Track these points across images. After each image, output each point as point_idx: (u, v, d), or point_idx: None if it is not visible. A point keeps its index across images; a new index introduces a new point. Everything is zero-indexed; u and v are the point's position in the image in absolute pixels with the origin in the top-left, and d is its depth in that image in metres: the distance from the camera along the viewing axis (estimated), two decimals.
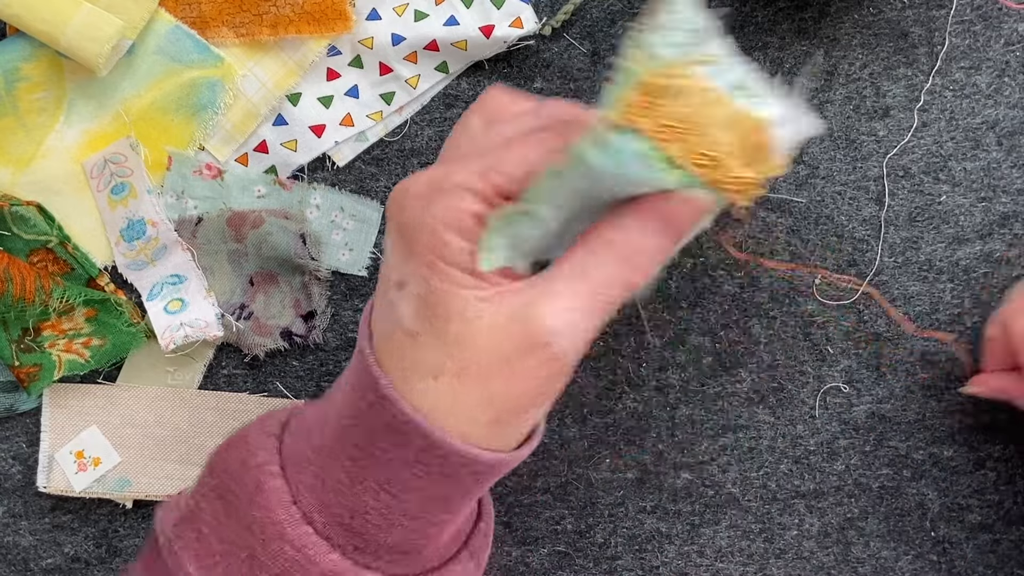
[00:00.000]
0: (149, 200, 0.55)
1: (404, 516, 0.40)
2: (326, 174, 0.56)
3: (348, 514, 0.40)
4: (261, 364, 0.57)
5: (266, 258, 0.55)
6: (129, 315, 0.55)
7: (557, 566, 0.56)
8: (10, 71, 0.54)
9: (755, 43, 0.55)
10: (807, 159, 0.55)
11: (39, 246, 0.55)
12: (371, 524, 0.40)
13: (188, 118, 0.55)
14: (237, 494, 0.41)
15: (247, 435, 0.43)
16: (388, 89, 0.55)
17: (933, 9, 0.54)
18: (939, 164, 0.55)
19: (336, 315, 0.57)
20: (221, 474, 0.42)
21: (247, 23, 0.54)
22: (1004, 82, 0.54)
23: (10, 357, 0.55)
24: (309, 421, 0.42)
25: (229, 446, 0.43)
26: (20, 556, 0.58)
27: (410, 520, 0.40)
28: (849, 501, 0.56)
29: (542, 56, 0.55)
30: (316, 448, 0.41)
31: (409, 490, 0.39)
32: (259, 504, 0.40)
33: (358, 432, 0.39)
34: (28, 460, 0.57)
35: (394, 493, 0.39)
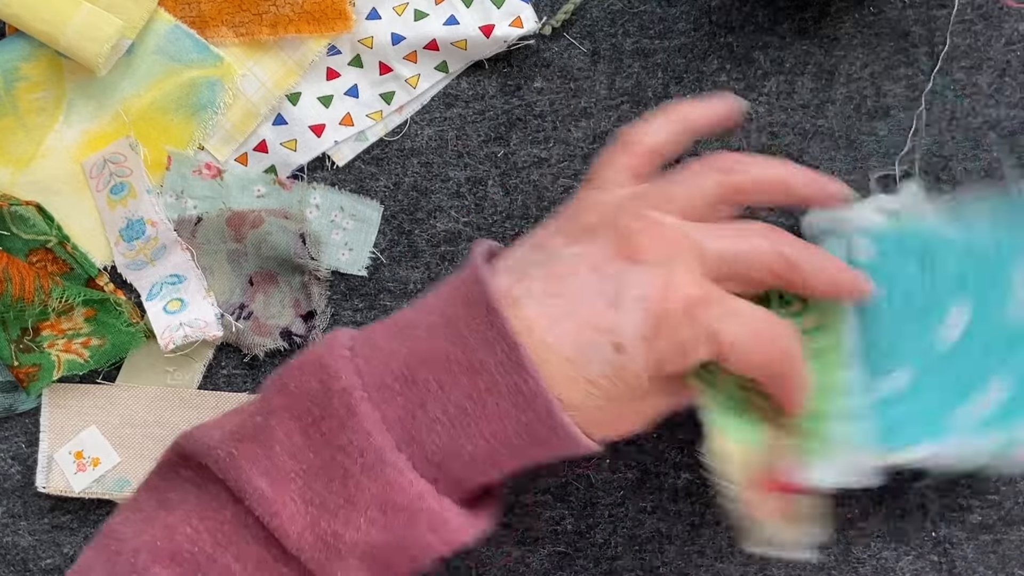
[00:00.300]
0: (148, 200, 0.55)
1: (491, 465, 0.42)
2: (326, 174, 0.56)
3: (440, 453, 0.41)
4: (261, 364, 0.57)
5: (266, 258, 0.55)
6: (128, 315, 0.55)
7: (557, 566, 0.56)
8: (9, 71, 0.54)
9: (755, 43, 0.55)
10: (807, 159, 0.55)
11: (38, 246, 0.55)
12: (461, 467, 0.41)
13: (187, 118, 0.55)
14: (321, 417, 0.41)
15: (320, 357, 0.42)
16: (388, 89, 0.55)
17: (934, 9, 0.54)
18: (940, 164, 0.55)
19: (336, 315, 0.57)
20: (297, 396, 0.42)
21: (247, 23, 0.54)
22: (1005, 82, 0.54)
23: (9, 357, 0.55)
24: (379, 348, 0.42)
25: (301, 368, 0.42)
26: (19, 556, 0.57)
27: (491, 468, 0.42)
28: (849, 501, 0.56)
29: (542, 56, 0.55)
30: (401, 378, 0.41)
31: (511, 447, 0.41)
32: (353, 428, 0.40)
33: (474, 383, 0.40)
34: (27, 460, 0.57)
35: (494, 446, 0.41)
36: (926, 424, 0.47)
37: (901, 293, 0.48)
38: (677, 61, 0.55)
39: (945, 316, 0.48)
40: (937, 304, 0.48)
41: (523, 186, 0.56)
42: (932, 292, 0.48)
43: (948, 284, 0.48)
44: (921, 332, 0.48)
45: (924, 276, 0.48)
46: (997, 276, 0.47)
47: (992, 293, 0.47)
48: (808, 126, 0.55)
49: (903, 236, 0.49)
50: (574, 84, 0.55)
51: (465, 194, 0.56)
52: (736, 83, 0.55)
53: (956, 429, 0.47)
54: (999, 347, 0.47)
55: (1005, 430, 0.47)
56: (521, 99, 0.55)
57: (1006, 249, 0.47)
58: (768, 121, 0.55)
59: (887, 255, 0.48)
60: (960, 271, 0.48)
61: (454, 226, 0.56)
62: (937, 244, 0.48)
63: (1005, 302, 0.47)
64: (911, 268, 0.48)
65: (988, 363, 0.47)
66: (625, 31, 0.55)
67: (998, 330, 0.47)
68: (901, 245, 0.48)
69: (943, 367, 0.48)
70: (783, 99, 0.55)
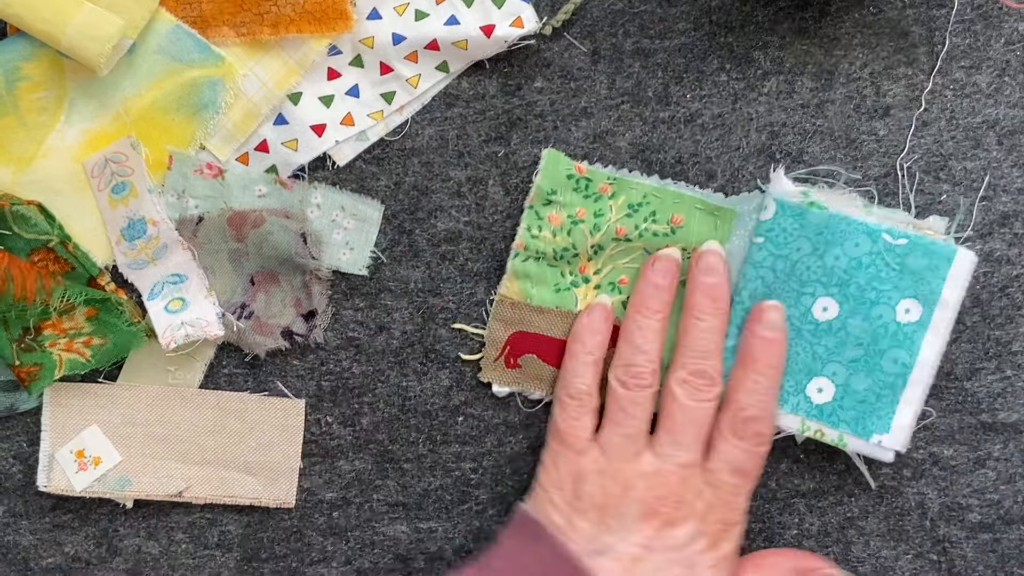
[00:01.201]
0: (150, 199, 0.55)
1: None
2: (327, 173, 0.56)
3: None
4: (262, 363, 0.57)
5: (267, 257, 0.55)
6: (130, 314, 0.55)
7: None
8: (11, 70, 0.54)
9: (755, 43, 0.55)
10: (807, 159, 0.55)
11: (40, 245, 0.55)
12: None
13: (189, 117, 0.55)
14: None
15: None
16: (389, 88, 0.55)
17: (933, 8, 0.54)
18: (939, 163, 0.55)
19: (337, 314, 0.57)
20: None
21: (248, 22, 0.54)
22: (1004, 81, 0.54)
23: (11, 356, 0.55)
24: None
25: None
26: (20, 555, 0.58)
27: None
28: (849, 501, 0.56)
29: (542, 56, 0.55)
30: None
31: None
32: None
33: None
34: (28, 459, 0.57)
35: None
36: None
37: (789, 264, 0.52)
38: (677, 61, 0.55)
39: (815, 300, 0.52)
40: (811, 289, 0.52)
41: (523, 186, 0.56)
42: (812, 277, 0.52)
43: (830, 277, 0.52)
44: (790, 303, 0.53)
45: (812, 260, 0.52)
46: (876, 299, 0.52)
47: (862, 308, 0.52)
48: (808, 126, 0.55)
49: (815, 220, 0.52)
50: (574, 84, 0.55)
51: (466, 194, 0.56)
52: (736, 83, 0.55)
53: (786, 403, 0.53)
54: (845, 351, 0.53)
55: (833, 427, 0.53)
56: (521, 99, 0.55)
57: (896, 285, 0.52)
58: (768, 121, 0.55)
59: (792, 230, 0.52)
60: (846, 274, 0.52)
61: (455, 226, 0.56)
62: (839, 238, 0.52)
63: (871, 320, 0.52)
64: (805, 247, 0.52)
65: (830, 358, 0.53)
66: (625, 31, 0.55)
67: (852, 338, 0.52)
68: (809, 226, 0.52)
69: (793, 342, 0.53)
70: (783, 99, 0.55)
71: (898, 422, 0.52)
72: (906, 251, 0.52)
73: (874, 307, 0.52)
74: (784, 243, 0.53)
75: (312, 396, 0.57)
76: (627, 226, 0.54)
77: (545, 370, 0.55)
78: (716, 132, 0.55)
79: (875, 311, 0.52)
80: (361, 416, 0.57)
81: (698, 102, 0.55)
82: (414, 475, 0.58)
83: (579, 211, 0.54)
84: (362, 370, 0.57)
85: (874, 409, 0.52)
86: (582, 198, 0.54)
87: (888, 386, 0.52)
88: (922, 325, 0.52)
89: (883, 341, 0.52)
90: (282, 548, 0.58)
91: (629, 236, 0.54)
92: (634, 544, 0.51)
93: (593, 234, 0.54)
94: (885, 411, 0.52)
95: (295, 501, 0.57)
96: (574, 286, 0.55)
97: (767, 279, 0.53)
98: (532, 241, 0.55)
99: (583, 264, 0.55)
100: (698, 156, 0.55)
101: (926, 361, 0.52)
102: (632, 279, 0.55)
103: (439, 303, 0.57)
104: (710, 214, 0.54)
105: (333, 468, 0.58)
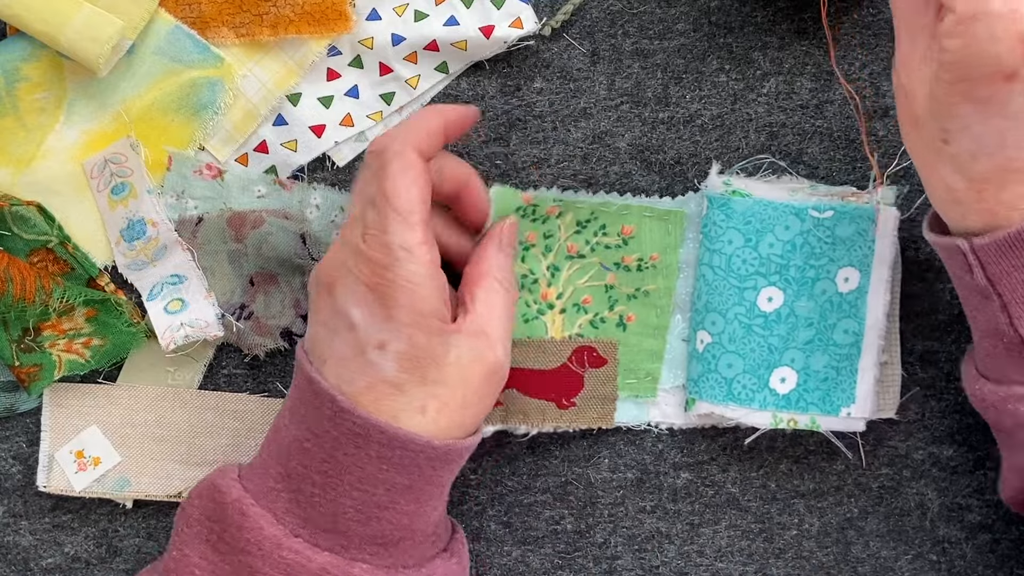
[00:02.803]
0: (149, 200, 0.55)
1: (377, 508, 0.46)
2: (326, 174, 0.56)
3: (330, 519, 0.46)
4: (261, 364, 0.57)
5: (266, 258, 0.55)
6: (129, 315, 0.55)
7: (557, 566, 0.56)
8: (10, 71, 0.54)
9: (754, 44, 0.55)
10: (807, 159, 0.55)
11: (39, 246, 0.55)
12: (351, 521, 0.46)
13: (188, 118, 0.55)
14: (222, 529, 0.46)
15: (212, 482, 0.48)
16: (388, 89, 0.55)
17: None
18: None
19: None
20: (200, 520, 0.47)
21: (247, 23, 0.54)
22: None
23: (10, 357, 0.55)
24: (258, 465, 0.48)
25: (199, 496, 0.48)
26: (20, 556, 0.58)
27: (382, 511, 0.46)
28: (849, 501, 0.56)
29: (542, 56, 0.55)
30: (279, 477, 0.47)
31: (377, 483, 0.45)
32: (248, 528, 0.45)
33: (322, 448, 0.46)
34: (28, 460, 0.57)
35: (364, 488, 0.45)
36: (717, 386, 0.53)
37: (724, 259, 0.53)
38: (677, 61, 0.55)
39: (758, 293, 0.53)
40: (751, 282, 0.53)
41: (523, 186, 0.56)
42: (750, 270, 0.53)
43: (768, 267, 0.53)
44: (734, 300, 0.53)
45: (746, 251, 0.53)
46: (816, 276, 0.52)
47: (805, 288, 0.53)
48: (808, 126, 0.55)
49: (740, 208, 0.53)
50: (574, 84, 0.55)
51: None
52: (735, 83, 0.55)
53: (752, 400, 0.53)
54: (798, 335, 0.53)
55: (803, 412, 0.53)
56: (521, 99, 0.55)
57: (831, 257, 0.52)
58: (767, 121, 0.55)
59: (721, 222, 0.53)
60: (783, 259, 0.52)
61: None
62: (768, 225, 0.52)
63: (815, 298, 0.53)
64: (737, 239, 0.53)
65: (785, 346, 0.53)
66: (625, 32, 0.55)
67: (802, 321, 0.53)
68: (735, 216, 0.53)
69: (745, 339, 0.53)
70: (782, 99, 0.55)
71: (861, 390, 0.53)
72: (833, 222, 0.52)
73: (816, 284, 0.52)
74: (716, 237, 0.53)
75: None
76: (578, 243, 0.54)
77: (529, 403, 0.55)
78: (715, 133, 0.55)
79: (817, 288, 0.52)
80: None
81: (697, 103, 0.55)
82: None
83: (529, 235, 0.54)
84: None
85: (836, 383, 0.53)
86: (530, 223, 0.54)
87: (845, 357, 0.52)
88: (862, 290, 0.52)
89: (831, 315, 0.52)
90: None
91: (582, 252, 0.55)
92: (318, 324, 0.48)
93: (546, 255, 0.54)
94: (846, 382, 0.53)
95: None
96: (540, 314, 0.55)
97: (707, 277, 0.53)
98: None
99: (544, 291, 0.55)
100: (697, 156, 0.55)
101: (874, 324, 0.52)
102: (595, 297, 0.55)
103: None
104: (659, 220, 0.54)
105: None
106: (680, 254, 0.54)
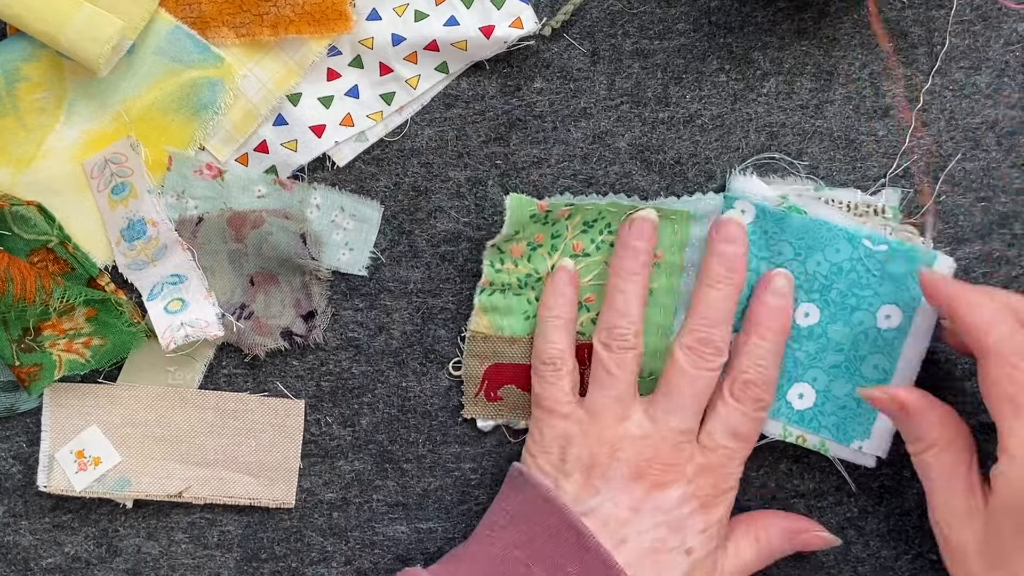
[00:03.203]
0: (149, 200, 0.55)
1: None
2: (326, 174, 0.56)
3: None
4: (261, 364, 0.57)
5: (266, 258, 0.55)
6: (129, 315, 0.55)
7: None
8: (10, 71, 0.54)
9: (754, 44, 0.55)
10: (807, 159, 0.55)
11: (39, 246, 0.55)
12: None
13: (188, 118, 0.55)
14: None
15: None
16: (388, 89, 0.55)
17: (933, 9, 0.54)
18: (939, 164, 0.55)
19: (336, 315, 0.57)
20: None
21: (247, 23, 0.54)
22: (1004, 82, 0.54)
23: (10, 357, 0.55)
24: None
25: None
26: (20, 556, 0.58)
27: None
28: (849, 501, 0.56)
29: (542, 56, 0.55)
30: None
31: None
32: None
33: None
34: (28, 460, 0.57)
35: None
36: None
37: (772, 268, 0.53)
38: (677, 62, 0.55)
39: (797, 306, 0.53)
40: (796, 292, 0.53)
41: (523, 186, 0.56)
42: (795, 283, 0.53)
43: (811, 283, 0.53)
44: None
45: (794, 265, 0.53)
46: (857, 305, 0.52)
47: (843, 314, 0.52)
48: (807, 126, 0.55)
49: (797, 224, 0.52)
50: (574, 84, 0.55)
51: (465, 194, 0.56)
52: (735, 83, 0.55)
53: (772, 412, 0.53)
54: (826, 357, 0.53)
55: (814, 433, 0.53)
56: (521, 99, 0.55)
57: (876, 291, 0.52)
58: (768, 121, 0.55)
59: (774, 234, 0.53)
60: (827, 280, 0.52)
61: (454, 226, 0.56)
62: (820, 244, 0.52)
63: (851, 326, 0.52)
64: (787, 251, 0.53)
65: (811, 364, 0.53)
66: (625, 32, 0.55)
67: (832, 344, 0.53)
68: (789, 230, 0.53)
69: None
70: (782, 99, 0.55)
71: (878, 428, 0.53)
72: (886, 257, 0.52)
73: (855, 313, 0.52)
74: (766, 246, 0.53)
75: (312, 396, 0.57)
76: (583, 241, 0.55)
77: (526, 399, 0.55)
78: (715, 133, 0.55)
79: (856, 317, 0.52)
80: (361, 416, 0.57)
81: (697, 103, 0.55)
82: (414, 475, 0.58)
83: (537, 236, 0.54)
84: (362, 370, 0.57)
85: (855, 415, 0.53)
86: (540, 226, 0.54)
87: None
88: (902, 331, 0.52)
89: (863, 347, 0.52)
90: (282, 548, 0.58)
91: (587, 251, 0.55)
92: (621, 505, 0.51)
93: (551, 255, 0.55)
94: (865, 417, 0.52)
95: (295, 501, 0.57)
96: None
97: (750, 280, 0.53)
98: (496, 275, 0.55)
99: None
100: (697, 157, 0.55)
101: (906, 367, 0.52)
102: (598, 296, 0.55)
103: (438, 304, 0.57)
104: (665, 219, 0.54)
105: (333, 468, 0.58)
106: (686, 254, 0.54)
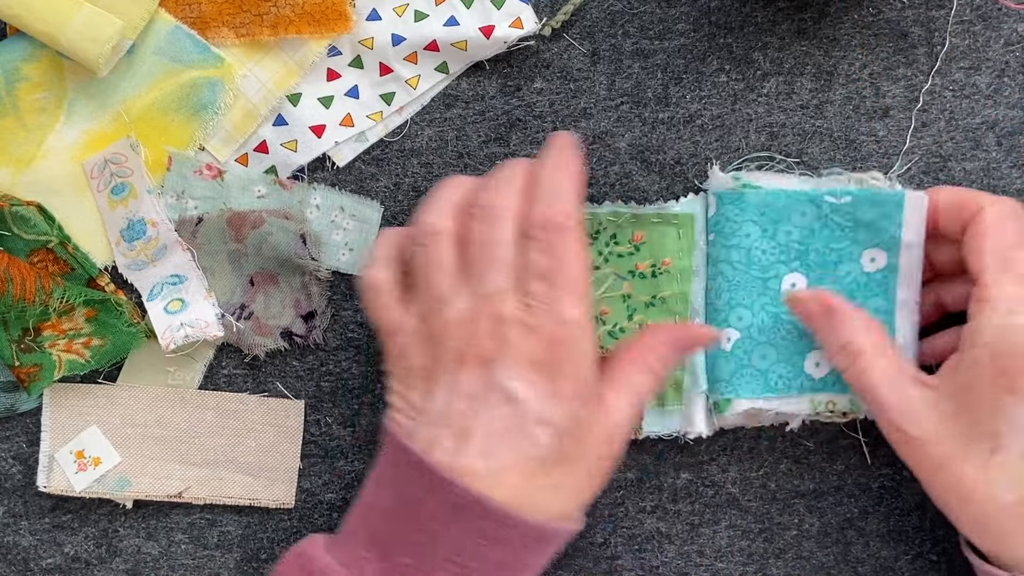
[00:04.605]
0: (149, 200, 0.55)
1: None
2: (326, 174, 0.56)
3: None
4: (261, 364, 0.57)
5: (266, 258, 0.55)
6: (129, 315, 0.55)
7: (557, 566, 0.56)
8: (10, 71, 0.54)
9: (755, 43, 0.55)
10: (807, 159, 0.55)
11: (39, 246, 0.55)
12: None
13: (188, 118, 0.55)
14: None
15: (301, 551, 0.48)
16: (388, 89, 0.55)
17: (933, 9, 0.54)
18: (939, 164, 0.55)
19: (336, 315, 0.57)
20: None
21: (247, 23, 0.54)
22: (1004, 82, 0.54)
23: (10, 357, 0.55)
24: (346, 534, 0.48)
25: (287, 566, 0.48)
26: (20, 556, 0.58)
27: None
28: (849, 501, 0.56)
29: (542, 56, 0.55)
30: (368, 545, 0.46)
31: (475, 558, 0.44)
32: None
33: (417, 520, 0.45)
34: (28, 460, 0.57)
35: (461, 563, 0.44)
36: (753, 380, 0.53)
37: (743, 253, 0.52)
38: (677, 62, 0.55)
39: (781, 280, 0.52)
40: (773, 271, 0.52)
41: None
42: (771, 260, 0.52)
43: (787, 254, 0.52)
44: (759, 291, 0.52)
45: (764, 242, 0.52)
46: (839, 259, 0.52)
47: (828, 271, 0.52)
48: (807, 126, 0.55)
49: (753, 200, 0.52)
50: (574, 84, 0.55)
51: None
52: (735, 83, 0.55)
53: (790, 388, 0.53)
54: None
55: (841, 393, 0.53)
56: (521, 100, 0.55)
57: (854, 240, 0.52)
58: (767, 121, 0.55)
59: (735, 216, 0.52)
60: (801, 245, 0.52)
61: None
62: (784, 213, 0.52)
63: (840, 280, 0.52)
64: (754, 231, 0.52)
65: None
66: (625, 32, 0.55)
67: None
68: (749, 208, 0.52)
69: (774, 328, 0.52)
70: (782, 99, 0.55)
71: None
72: (853, 207, 0.51)
73: (839, 266, 0.52)
74: (732, 232, 0.52)
75: (312, 397, 0.57)
76: (591, 254, 0.54)
77: None
78: (716, 133, 0.55)
79: (841, 269, 0.52)
80: (361, 417, 0.57)
81: (697, 103, 0.55)
82: None
83: None
84: (362, 371, 0.57)
85: None
86: None
87: None
88: (891, 269, 0.51)
89: (857, 295, 0.52)
90: (282, 548, 0.58)
91: (596, 263, 0.54)
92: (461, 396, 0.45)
93: None
94: None
95: (295, 502, 0.57)
96: None
97: (727, 274, 0.53)
98: None
99: None
100: (698, 157, 0.55)
101: (905, 303, 0.52)
102: (613, 308, 0.55)
103: None
104: (669, 224, 0.54)
105: (333, 469, 0.58)
106: (694, 257, 0.54)
